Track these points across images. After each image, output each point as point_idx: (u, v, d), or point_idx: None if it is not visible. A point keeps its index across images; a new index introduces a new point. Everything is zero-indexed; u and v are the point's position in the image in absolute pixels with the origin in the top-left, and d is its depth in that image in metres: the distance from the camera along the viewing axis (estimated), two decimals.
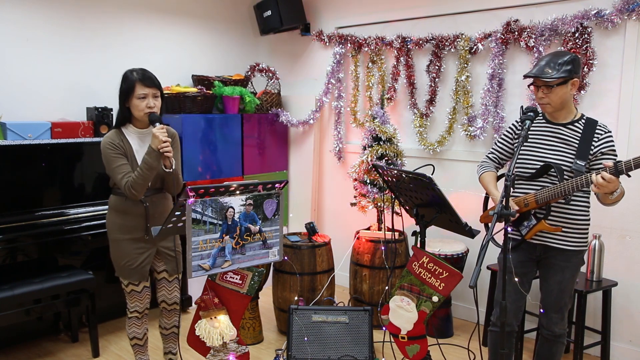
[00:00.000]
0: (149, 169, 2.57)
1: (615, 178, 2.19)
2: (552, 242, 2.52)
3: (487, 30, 3.67)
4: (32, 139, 3.44)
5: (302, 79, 4.92)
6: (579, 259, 2.55)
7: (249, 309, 3.59)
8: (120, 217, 2.72)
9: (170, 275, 2.87)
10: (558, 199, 2.42)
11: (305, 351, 3.07)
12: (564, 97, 2.43)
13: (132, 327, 2.85)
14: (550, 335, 2.61)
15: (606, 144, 2.41)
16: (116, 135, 2.68)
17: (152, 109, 2.63)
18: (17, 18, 3.57)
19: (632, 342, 3.34)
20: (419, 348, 2.73)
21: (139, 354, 2.93)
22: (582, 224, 2.51)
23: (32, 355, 3.43)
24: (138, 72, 2.64)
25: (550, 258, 2.55)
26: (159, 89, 2.68)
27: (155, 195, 2.76)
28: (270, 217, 2.56)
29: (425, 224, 2.78)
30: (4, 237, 3.17)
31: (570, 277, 2.53)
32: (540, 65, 2.44)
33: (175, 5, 4.45)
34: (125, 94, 2.64)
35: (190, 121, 4.06)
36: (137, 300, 2.79)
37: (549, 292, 2.57)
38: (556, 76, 2.37)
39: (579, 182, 2.32)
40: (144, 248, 2.74)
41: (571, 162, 2.42)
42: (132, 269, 2.72)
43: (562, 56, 2.42)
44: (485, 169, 2.77)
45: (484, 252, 2.03)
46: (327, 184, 4.85)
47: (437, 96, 4.04)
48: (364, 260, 3.77)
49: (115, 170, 2.63)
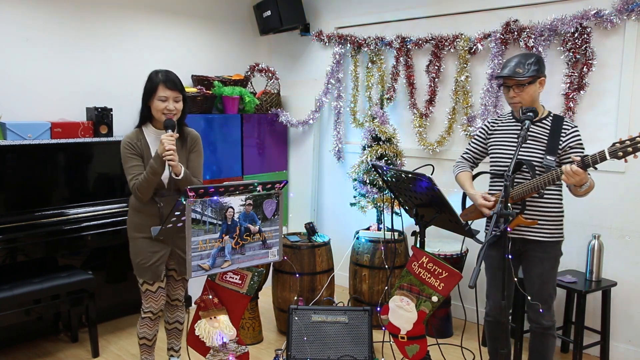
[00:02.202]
0: (153, 173, 2.61)
1: (582, 171, 2.31)
2: (529, 235, 2.62)
3: (487, 30, 3.67)
4: (31, 139, 3.44)
5: (301, 79, 4.92)
6: (557, 249, 2.65)
7: (249, 309, 3.59)
8: (137, 216, 2.76)
9: (178, 275, 2.93)
10: (532, 194, 2.52)
11: (304, 351, 3.07)
12: (533, 95, 2.58)
13: (144, 327, 2.87)
14: (539, 328, 2.66)
15: (573, 138, 2.55)
16: (135, 135, 2.73)
17: (171, 112, 2.65)
18: (17, 18, 3.57)
19: (631, 342, 3.34)
20: (418, 348, 2.73)
21: (145, 354, 2.94)
22: (556, 216, 2.61)
23: (32, 355, 3.43)
24: (162, 74, 2.67)
25: (529, 251, 2.64)
26: (181, 93, 2.70)
27: (172, 197, 2.76)
28: (270, 217, 2.56)
29: (424, 224, 2.79)
30: (4, 237, 3.17)
31: (550, 268, 2.62)
32: (510, 66, 2.57)
33: (175, 5, 4.45)
34: (148, 93, 2.67)
35: (190, 121, 3.99)
36: (152, 301, 2.82)
37: (531, 285, 2.66)
38: (527, 75, 2.52)
39: (550, 177, 2.43)
40: (158, 247, 2.76)
41: (541, 157, 2.54)
42: (146, 267, 2.75)
43: (529, 57, 2.57)
44: (461, 168, 2.91)
45: (483, 252, 2.04)
46: (327, 184, 4.85)
47: (436, 96, 4.04)
48: (364, 260, 3.77)
49: (127, 170, 2.69)
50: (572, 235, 3.46)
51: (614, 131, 3.26)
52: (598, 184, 3.33)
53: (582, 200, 3.36)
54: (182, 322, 3.06)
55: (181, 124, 2.79)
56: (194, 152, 2.83)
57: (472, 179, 2.85)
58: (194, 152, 2.83)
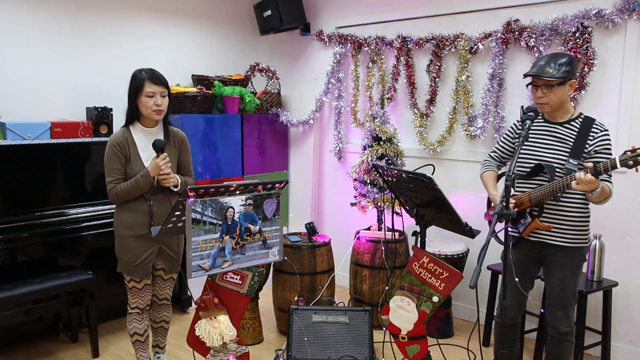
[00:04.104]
0: (137, 188, 2.68)
1: (595, 179, 2.24)
2: (549, 239, 2.56)
3: (488, 30, 3.67)
4: (31, 139, 3.44)
5: (302, 79, 4.92)
6: (579, 255, 2.56)
7: (249, 309, 3.58)
8: (126, 214, 2.77)
9: (166, 274, 2.94)
10: (549, 198, 2.47)
11: (305, 351, 3.07)
12: (562, 97, 2.47)
13: (132, 322, 2.89)
14: (557, 334, 2.61)
15: (601, 143, 2.43)
16: (122, 134, 2.75)
17: (159, 107, 2.69)
18: (17, 18, 3.57)
19: (632, 343, 3.34)
20: (419, 348, 2.73)
21: (140, 351, 2.95)
22: (579, 221, 2.52)
23: (32, 356, 3.42)
24: (147, 71, 2.72)
25: (550, 255, 2.58)
26: (166, 88, 2.74)
27: (160, 194, 2.80)
28: (270, 217, 2.56)
29: (425, 224, 2.78)
30: (4, 237, 3.17)
31: (571, 273, 2.55)
32: (540, 64, 2.46)
33: (175, 5, 4.45)
34: (134, 91, 2.70)
35: (190, 121, 4.05)
36: (138, 297, 2.85)
37: (551, 290, 2.60)
38: (557, 76, 2.41)
39: (564, 183, 2.36)
40: (147, 246, 2.78)
41: (564, 160, 2.46)
42: (135, 266, 2.76)
43: (561, 57, 2.46)
44: (486, 167, 2.85)
45: (484, 252, 2.04)
46: (327, 184, 4.85)
47: (437, 96, 4.03)
48: (364, 260, 3.77)
49: (109, 170, 2.71)
50: None
51: (615, 131, 3.25)
52: None
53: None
54: (168, 321, 3.08)
55: (166, 121, 2.84)
56: (183, 152, 2.89)
57: (497, 179, 2.80)
58: (183, 151, 2.89)
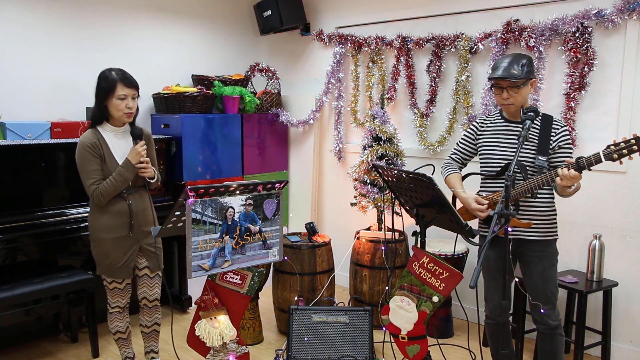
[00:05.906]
0: (122, 180, 2.67)
1: (579, 175, 2.32)
2: (524, 234, 2.62)
3: (488, 30, 3.67)
4: (31, 139, 3.44)
5: (302, 79, 4.92)
6: (553, 247, 2.65)
7: (249, 309, 3.58)
8: (104, 217, 2.73)
9: (152, 272, 2.91)
10: (526, 195, 2.52)
11: (305, 351, 3.07)
12: (525, 96, 2.59)
13: (114, 321, 2.88)
14: (547, 329, 2.64)
15: (563, 138, 2.55)
16: (93, 135, 2.71)
17: (131, 109, 2.70)
18: (17, 18, 3.57)
19: (632, 343, 3.34)
20: (419, 348, 2.73)
21: (124, 348, 2.95)
22: (549, 215, 2.61)
23: (32, 356, 3.42)
24: (118, 73, 2.68)
25: (526, 251, 2.64)
26: (137, 90, 2.73)
27: (137, 193, 2.80)
28: (270, 217, 2.56)
29: (425, 224, 2.78)
30: (4, 237, 3.17)
31: (549, 265, 2.62)
32: (503, 67, 2.55)
33: (175, 5, 4.45)
34: (104, 92, 2.66)
35: (190, 121, 4.05)
36: (119, 297, 2.84)
37: (534, 285, 2.64)
38: (522, 77, 2.52)
39: (545, 179, 2.43)
40: (127, 246, 2.77)
41: (533, 158, 2.54)
42: (117, 268, 2.75)
43: (521, 58, 2.56)
44: (450, 170, 2.90)
45: (484, 252, 2.03)
46: (327, 184, 4.84)
47: (437, 96, 4.03)
48: (364, 261, 3.77)
49: (87, 173, 2.67)
50: (573, 235, 3.46)
51: (615, 131, 3.26)
52: (599, 184, 3.34)
53: (582, 200, 3.37)
54: (160, 323, 3.04)
55: (134, 122, 2.82)
56: (149, 148, 2.88)
57: (462, 179, 2.85)
58: (150, 147, 2.89)
